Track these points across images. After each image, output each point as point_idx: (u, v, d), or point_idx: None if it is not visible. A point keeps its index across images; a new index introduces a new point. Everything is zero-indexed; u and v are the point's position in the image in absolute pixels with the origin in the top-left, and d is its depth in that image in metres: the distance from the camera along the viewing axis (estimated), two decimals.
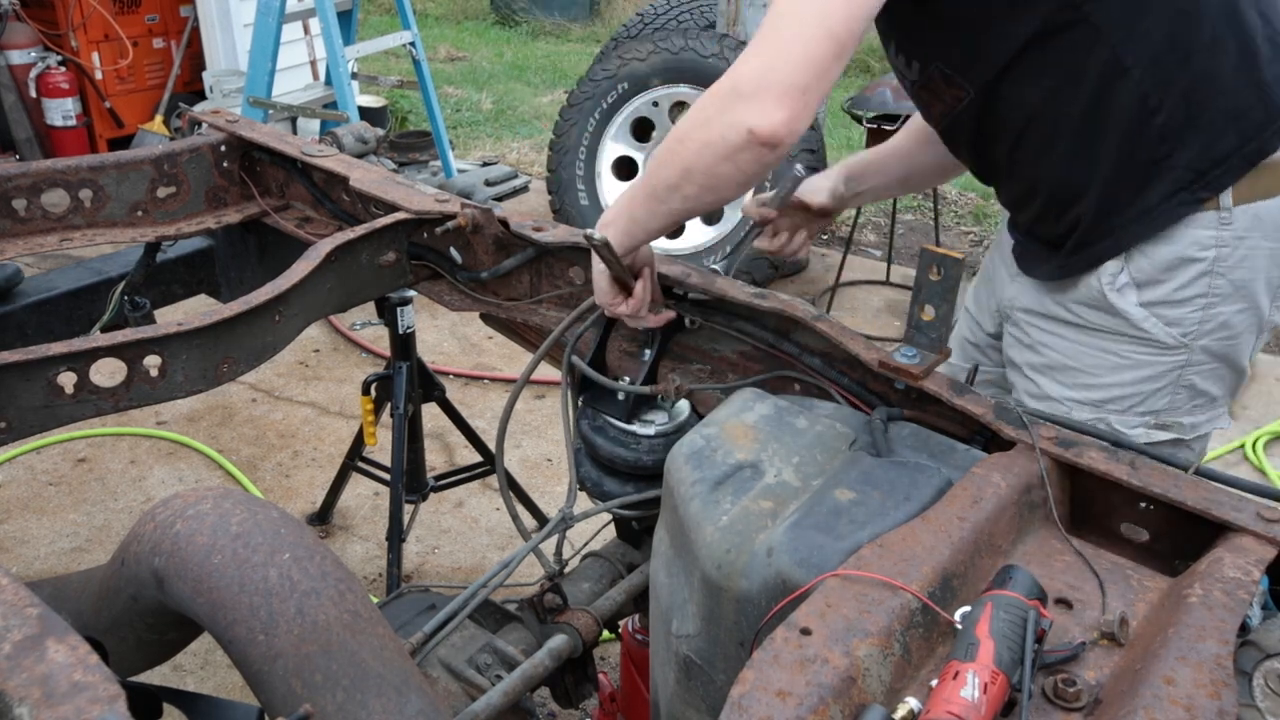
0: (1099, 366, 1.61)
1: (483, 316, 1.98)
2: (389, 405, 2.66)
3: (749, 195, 1.82)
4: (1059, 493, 1.28)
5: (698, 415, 1.64)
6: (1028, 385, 1.70)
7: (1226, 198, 1.48)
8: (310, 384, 3.95)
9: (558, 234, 1.81)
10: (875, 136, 4.36)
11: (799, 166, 1.72)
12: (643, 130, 4.75)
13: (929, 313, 1.45)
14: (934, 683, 0.97)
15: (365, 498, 3.25)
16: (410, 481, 2.76)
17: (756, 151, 1.28)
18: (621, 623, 1.90)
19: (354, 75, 5.23)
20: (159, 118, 5.72)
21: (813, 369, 1.55)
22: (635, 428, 1.61)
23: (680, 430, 1.61)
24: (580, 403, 1.70)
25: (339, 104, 4.64)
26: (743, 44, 4.46)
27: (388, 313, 2.61)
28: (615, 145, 4.75)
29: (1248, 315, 1.55)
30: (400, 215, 1.89)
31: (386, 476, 2.75)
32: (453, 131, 6.99)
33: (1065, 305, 1.62)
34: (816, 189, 1.84)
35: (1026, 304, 1.70)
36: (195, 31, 5.75)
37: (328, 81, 5.01)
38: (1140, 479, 1.24)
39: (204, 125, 2.23)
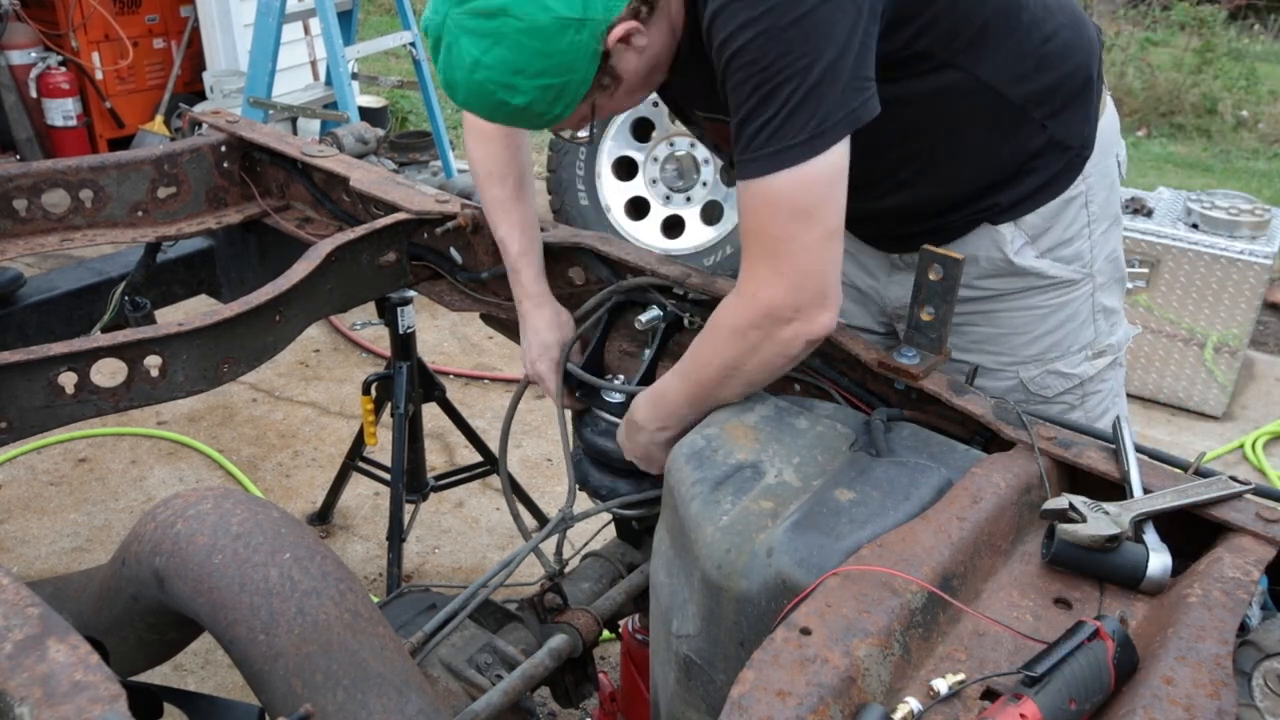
0: (1025, 325, 1.66)
1: (483, 316, 1.98)
2: (389, 405, 2.66)
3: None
4: (1059, 492, 1.28)
5: None
6: (955, 367, 1.69)
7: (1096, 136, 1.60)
8: (311, 384, 3.95)
9: (558, 234, 1.81)
10: None
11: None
12: (643, 130, 4.75)
13: (929, 313, 1.46)
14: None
15: (365, 498, 3.25)
16: (410, 481, 2.76)
17: (813, 345, 1.35)
18: (621, 623, 1.90)
19: (354, 75, 5.22)
20: (159, 118, 5.72)
21: (813, 369, 1.55)
22: None
23: None
24: (577, 397, 1.70)
25: (339, 104, 4.63)
26: None
27: (388, 313, 2.61)
28: (615, 145, 4.76)
29: (1115, 223, 1.69)
30: (400, 215, 1.89)
31: (387, 476, 2.75)
32: (453, 132, 6.99)
33: (969, 285, 1.63)
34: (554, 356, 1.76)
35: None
36: (195, 32, 5.75)
37: (328, 82, 5.00)
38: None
39: (204, 125, 2.23)
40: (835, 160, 1.24)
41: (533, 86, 1.26)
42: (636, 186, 4.79)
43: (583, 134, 1.44)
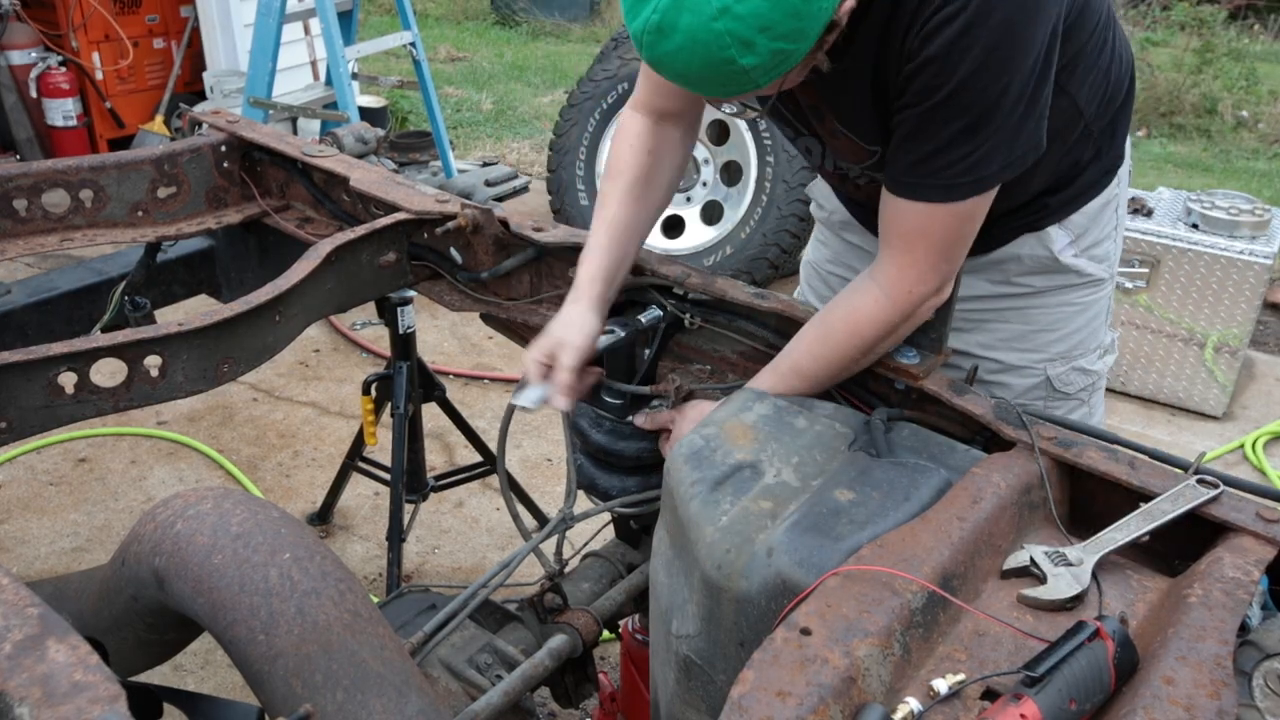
0: (1057, 322, 1.69)
1: (483, 316, 1.98)
2: (389, 405, 2.66)
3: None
4: (1059, 493, 1.28)
5: None
6: (981, 365, 1.72)
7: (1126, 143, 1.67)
8: (310, 384, 3.95)
9: (558, 234, 1.81)
10: None
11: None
12: None
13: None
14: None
15: (365, 498, 3.25)
16: (410, 481, 2.76)
17: None
18: (621, 623, 1.90)
19: (354, 75, 5.22)
20: (159, 118, 5.72)
21: None
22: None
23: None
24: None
25: (339, 104, 4.63)
26: None
27: (388, 313, 2.61)
28: None
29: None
30: (400, 215, 1.89)
31: (387, 476, 2.75)
32: (453, 132, 6.99)
33: (1010, 281, 1.67)
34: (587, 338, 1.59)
35: (966, 292, 1.71)
36: (196, 32, 5.74)
37: (328, 82, 5.00)
38: (1140, 479, 1.24)
39: (204, 125, 2.23)
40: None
41: (769, 49, 1.14)
42: None
43: (755, 107, 1.33)
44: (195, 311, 1.61)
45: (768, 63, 1.16)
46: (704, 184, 4.69)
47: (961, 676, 0.99)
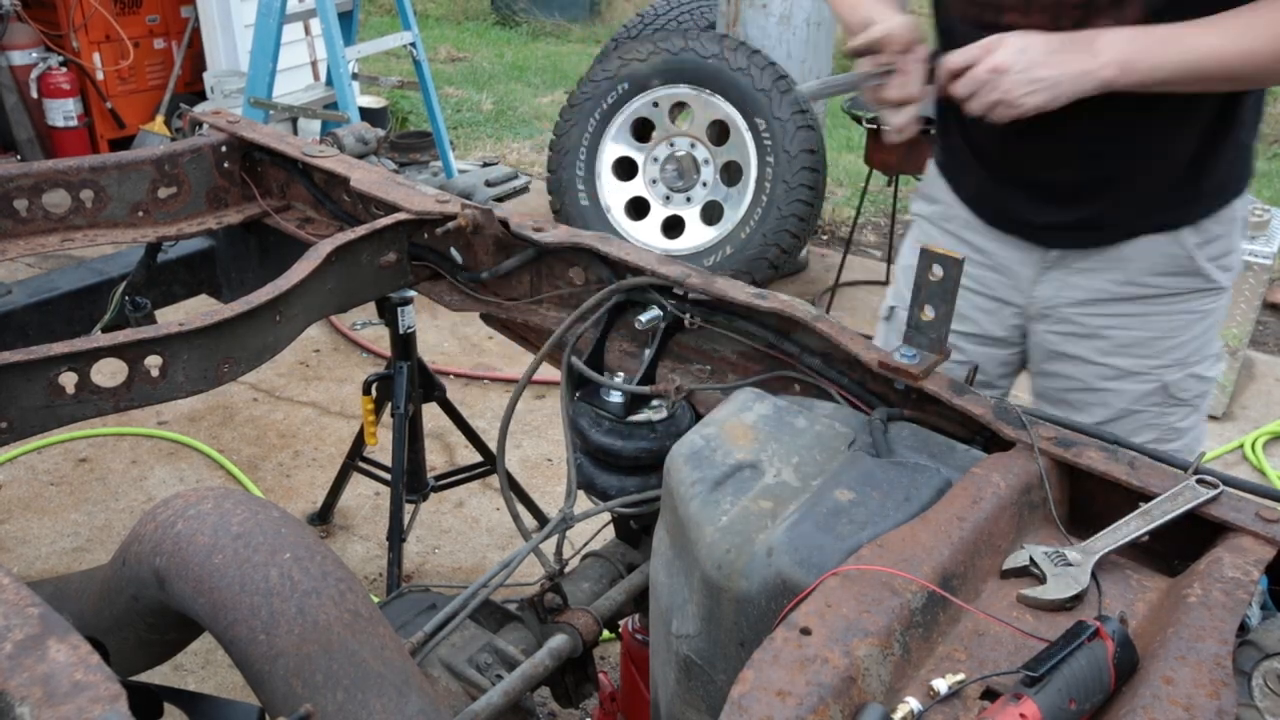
0: (1177, 329, 1.65)
1: (483, 316, 1.98)
2: (389, 405, 2.66)
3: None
4: (1058, 493, 1.28)
5: (697, 415, 1.64)
6: (1097, 370, 1.70)
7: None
8: (311, 384, 3.96)
9: (558, 234, 1.81)
10: (875, 136, 4.36)
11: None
12: (643, 131, 4.75)
13: (929, 313, 1.45)
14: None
15: (366, 498, 3.25)
16: (411, 481, 2.76)
17: None
18: (621, 623, 1.90)
19: (355, 76, 5.22)
20: (160, 118, 5.72)
21: (812, 369, 1.55)
22: (644, 416, 1.61)
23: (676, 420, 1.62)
24: (576, 397, 1.70)
25: (340, 104, 4.64)
26: (742, 44, 4.47)
27: (388, 313, 2.61)
28: (615, 146, 4.75)
29: None
30: (401, 216, 1.89)
31: (387, 476, 2.75)
32: (453, 132, 6.99)
33: (1136, 282, 1.64)
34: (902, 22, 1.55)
35: (1079, 297, 1.70)
36: (196, 32, 5.75)
37: (328, 82, 5.01)
38: (1139, 479, 1.24)
39: (205, 126, 2.23)
40: None
41: None
42: (636, 186, 4.80)
43: None
44: (196, 311, 1.61)
45: None
46: (704, 184, 4.69)
47: (961, 676, 0.99)
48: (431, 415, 3.02)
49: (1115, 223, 1.63)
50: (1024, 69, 1.37)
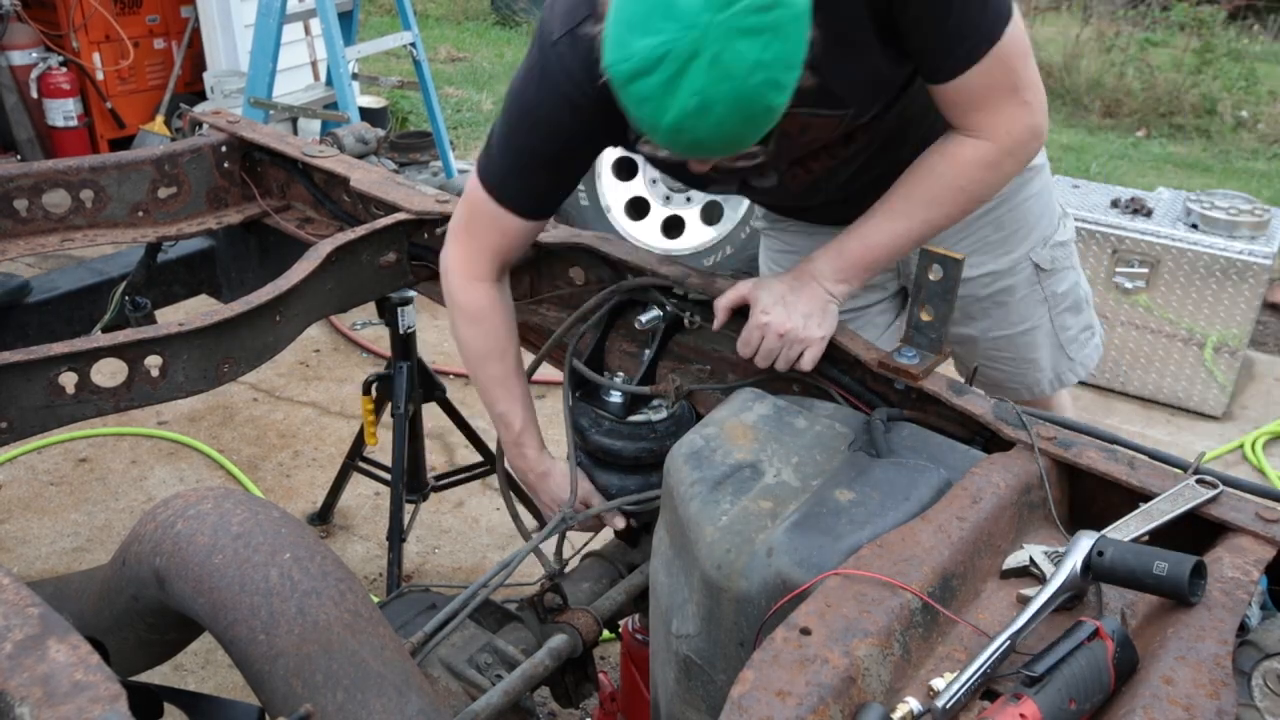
0: (1026, 215, 1.87)
1: None
2: (390, 405, 2.66)
3: None
4: (1058, 493, 1.28)
5: (697, 415, 1.64)
6: (980, 281, 1.88)
7: None
8: (311, 384, 3.95)
9: (558, 234, 1.81)
10: None
11: None
12: None
13: (929, 313, 1.46)
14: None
15: (366, 498, 3.25)
16: (411, 481, 2.76)
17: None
18: (621, 623, 1.90)
19: (355, 76, 5.22)
20: (160, 118, 5.71)
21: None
22: (643, 416, 1.61)
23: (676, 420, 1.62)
24: (576, 397, 1.70)
25: (340, 105, 4.63)
26: None
27: (388, 313, 2.61)
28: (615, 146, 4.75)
29: None
30: (401, 216, 1.90)
31: (387, 476, 2.75)
32: (453, 132, 6.99)
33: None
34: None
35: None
36: (196, 32, 5.74)
37: (328, 82, 5.00)
38: (1139, 479, 1.24)
39: (205, 126, 2.24)
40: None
41: (792, 80, 1.19)
42: (636, 186, 4.79)
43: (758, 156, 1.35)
44: (196, 311, 1.62)
45: (789, 93, 1.20)
46: None
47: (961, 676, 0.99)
48: (431, 415, 3.02)
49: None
50: (795, 315, 1.51)
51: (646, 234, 4.74)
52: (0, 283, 2.02)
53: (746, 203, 4.51)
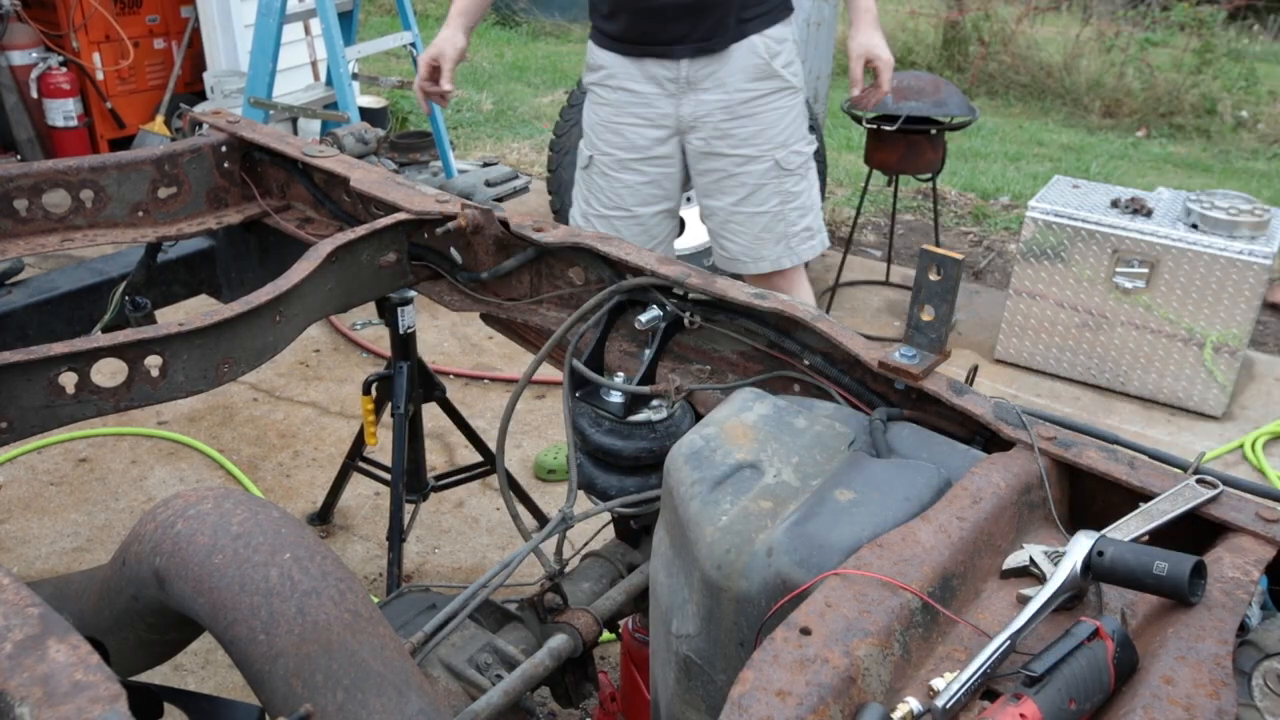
0: (776, 120, 2.58)
1: (483, 316, 1.99)
2: (389, 405, 2.66)
3: None
4: (1058, 493, 1.28)
5: (697, 415, 1.64)
6: (732, 160, 2.60)
7: None
8: (311, 384, 3.96)
9: (558, 234, 1.81)
10: (875, 136, 4.37)
11: None
12: None
13: (929, 313, 1.46)
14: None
15: (366, 498, 3.25)
16: (410, 481, 2.76)
17: None
18: (621, 623, 1.90)
19: (355, 76, 5.21)
20: (160, 118, 5.72)
21: (813, 369, 1.56)
22: (643, 416, 1.61)
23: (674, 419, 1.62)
24: (576, 397, 1.70)
25: (340, 104, 4.63)
26: None
27: (388, 313, 2.61)
28: None
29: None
30: (401, 216, 1.90)
31: (387, 476, 2.75)
32: (453, 132, 7.00)
33: (742, 89, 2.54)
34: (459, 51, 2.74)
35: (710, 109, 2.57)
36: (196, 32, 5.74)
37: (328, 82, 5.00)
38: (1139, 479, 1.24)
39: (205, 126, 2.24)
40: None
41: None
42: None
43: None
44: (196, 311, 1.61)
45: None
46: None
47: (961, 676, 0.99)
48: (431, 415, 3.02)
49: (721, 34, 2.49)
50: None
51: None
52: None
53: None
